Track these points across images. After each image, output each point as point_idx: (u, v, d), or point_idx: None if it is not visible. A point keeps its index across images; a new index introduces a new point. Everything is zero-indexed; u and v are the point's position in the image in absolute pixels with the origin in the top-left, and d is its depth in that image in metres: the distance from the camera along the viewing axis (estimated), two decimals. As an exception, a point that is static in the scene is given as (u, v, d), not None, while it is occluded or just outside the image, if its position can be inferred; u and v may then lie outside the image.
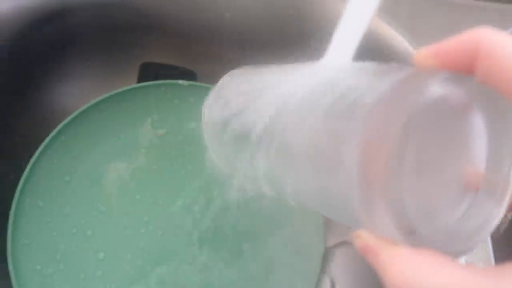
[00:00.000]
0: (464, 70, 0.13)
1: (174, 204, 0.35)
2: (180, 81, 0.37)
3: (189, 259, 0.33)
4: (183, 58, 0.41)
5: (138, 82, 0.39)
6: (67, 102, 0.38)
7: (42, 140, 0.34)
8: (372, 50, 0.34)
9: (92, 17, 0.35)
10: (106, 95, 0.35)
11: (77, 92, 0.38)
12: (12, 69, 0.33)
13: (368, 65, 0.16)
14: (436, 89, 0.13)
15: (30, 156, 0.33)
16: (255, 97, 0.21)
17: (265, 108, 0.20)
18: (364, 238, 0.14)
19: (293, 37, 0.37)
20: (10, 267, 0.30)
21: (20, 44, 0.32)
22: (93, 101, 0.35)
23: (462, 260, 0.25)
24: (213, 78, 0.39)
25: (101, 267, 0.32)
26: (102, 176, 0.34)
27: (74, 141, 0.34)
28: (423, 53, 0.14)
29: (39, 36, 0.33)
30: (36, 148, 0.34)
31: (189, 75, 0.40)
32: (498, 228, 0.14)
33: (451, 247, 0.13)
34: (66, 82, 0.37)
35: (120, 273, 0.32)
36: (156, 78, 0.38)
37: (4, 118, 0.33)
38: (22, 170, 0.33)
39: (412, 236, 0.13)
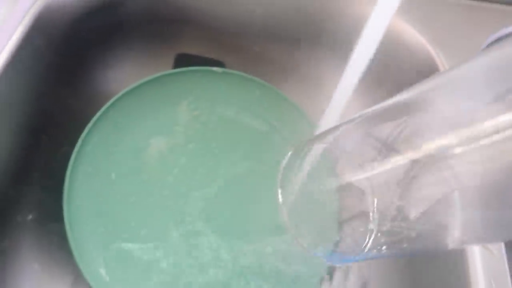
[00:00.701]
0: None
1: (209, 180, 0.38)
2: (214, 68, 0.41)
3: (224, 231, 0.37)
4: (214, 50, 0.45)
5: (173, 70, 0.43)
6: (110, 85, 0.42)
7: (89, 117, 0.38)
8: (386, 44, 0.38)
9: (138, 9, 0.39)
10: (149, 77, 0.39)
11: (119, 77, 0.42)
12: (69, 52, 0.37)
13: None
14: None
15: (80, 130, 0.37)
16: None
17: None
18: None
19: (318, 32, 0.42)
20: (67, 226, 0.33)
21: (77, 29, 0.36)
22: (137, 83, 0.38)
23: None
24: (240, 69, 0.44)
25: (145, 232, 0.35)
26: (144, 149, 0.38)
27: (120, 117, 0.38)
28: None
29: (93, 23, 0.37)
30: (85, 123, 0.37)
31: (219, 65, 0.44)
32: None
33: None
34: (111, 66, 0.41)
35: (162, 240, 0.36)
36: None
37: (61, 96, 0.37)
38: (74, 142, 0.36)
39: None
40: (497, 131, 0.14)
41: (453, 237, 0.18)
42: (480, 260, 0.27)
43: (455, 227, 0.18)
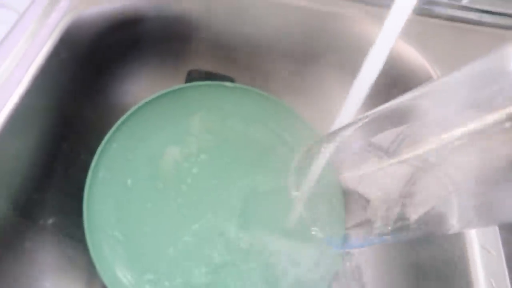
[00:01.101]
0: None
1: (220, 189, 0.40)
2: (225, 83, 0.43)
3: (235, 241, 0.38)
4: (224, 66, 0.47)
5: (186, 85, 0.45)
6: (126, 98, 0.44)
7: (105, 127, 0.39)
8: (390, 63, 0.41)
9: (154, 26, 0.42)
10: (164, 90, 0.41)
11: (134, 90, 0.44)
12: (90, 66, 0.39)
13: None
14: None
15: (97, 140, 0.39)
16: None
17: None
18: None
19: (324, 51, 0.44)
20: (86, 230, 0.34)
21: (99, 44, 0.39)
22: (153, 95, 0.41)
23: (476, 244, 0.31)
24: (250, 84, 0.46)
25: (161, 239, 0.37)
26: (159, 158, 0.40)
27: (138, 127, 0.40)
28: None
29: (113, 39, 0.40)
30: (101, 133, 0.39)
31: (229, 81, 0.47)
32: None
33: None
34: (127, 81, 0.43)
35: (177, 246, 0.37)
36: (200, 82, 0.45)
37: (81, 107, 0.39)
38: (91, 151, 0.38)
39: None
40: (480, 132, 0.17)
41: (451, 224, 0.20)
42: (480, 260, 0.29)
43: (453, 216, 0.20)
